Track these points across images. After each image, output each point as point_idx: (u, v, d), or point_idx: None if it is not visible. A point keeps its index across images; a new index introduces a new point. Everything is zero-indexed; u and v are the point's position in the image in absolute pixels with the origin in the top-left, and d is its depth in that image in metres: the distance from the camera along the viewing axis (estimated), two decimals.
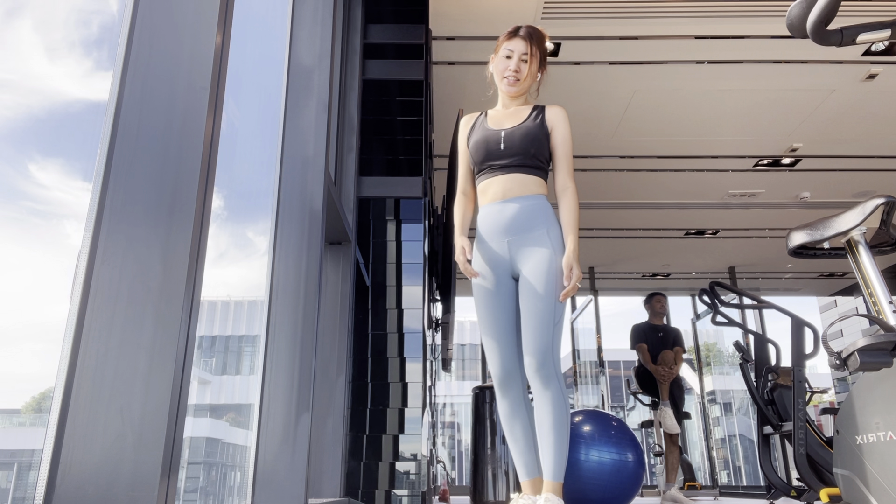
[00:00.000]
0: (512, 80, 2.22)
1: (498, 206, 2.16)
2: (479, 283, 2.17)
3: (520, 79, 2.22)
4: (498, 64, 2.25)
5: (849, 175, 6.21)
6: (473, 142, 2.23)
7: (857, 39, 1.26)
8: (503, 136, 2.17)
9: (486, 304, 2.16)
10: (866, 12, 3.99)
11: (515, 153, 2.15)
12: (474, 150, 2.22)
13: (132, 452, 1.08)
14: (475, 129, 2.26)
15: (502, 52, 2.24)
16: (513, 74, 2.21)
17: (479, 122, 2.28)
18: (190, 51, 1.31)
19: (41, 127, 1.19)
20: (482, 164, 2.21)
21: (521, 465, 2.12)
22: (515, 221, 2.13)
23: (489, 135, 2.20)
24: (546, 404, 2.03)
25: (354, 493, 3.01)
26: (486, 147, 2.19)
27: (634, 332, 5.36)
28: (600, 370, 8.86)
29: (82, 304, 1.12)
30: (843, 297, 10.03)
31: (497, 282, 2.16)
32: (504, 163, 2.16)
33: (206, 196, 1.27)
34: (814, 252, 2.33)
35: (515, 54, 2.22)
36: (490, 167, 2.19)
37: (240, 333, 2.36)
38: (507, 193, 2.15)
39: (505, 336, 2.13)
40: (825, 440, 3.28)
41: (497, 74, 2.26)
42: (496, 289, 2.15)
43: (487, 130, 2.22)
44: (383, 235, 3.40)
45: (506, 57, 2.23)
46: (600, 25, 4.22)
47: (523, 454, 2.11)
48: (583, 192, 6.81)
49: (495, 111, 2.30)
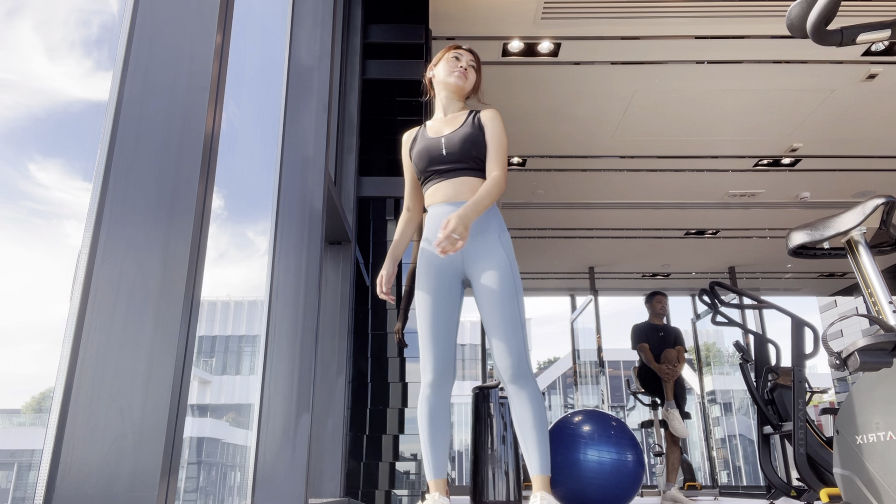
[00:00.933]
0: (460, 74, 2.30)
1: (446, 208, 2.19)
2: (424, 285, 2.19)
3: (468, 77, 2.32)
4: (446, 64, 2.34)
5: (849, 175, 6.21)
6: (416, 152, 2.28)
7: (857, 39, 1.26)
8: (444, 142, 2.23)
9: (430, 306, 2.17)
10: (866, 12, 3.99)
11: (457, 157, 2.21)
12: (417, 159, 2.27)
13: (132, 452, 1.08)
14: (416, 141, 2.32)
15: (450, 56, 2.34)
16: (461, 71, 2.31)
17: (419, 135, 2.34)
18: (190, 51, 1.31)
19: (41, 127, 1.19)
20: (426, 170, 2.25)
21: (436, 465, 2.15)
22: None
23: (430, 143, 2.26)
24: (525, 402, 2.09)
25: (354, 493, 3.01)
26: (429, 154, 2.24)
27: (635, 331, 5.35)
28: (600, 370, 8.86)
29: (82, 304, 1.12)
30: (843, 297, 10.04)
31: (442, 285, 2.18)
32: (447, 167, 2.22)
33: (206, 196, 1.27)
34: (814, 252, 2.33)
35: (464, 58, 2.34)
36: (435, 172, 2.23)
37: (240, 333, 2.37)
38: (458, 196, 2.19)
39: (444, 338, 2.17)
40: (825, 440, 3.28)
41: (445, 73, 2.33)
42: (441, 292, 2.18)
43: (428, 139, 2.28)
44: (383, 235, 3.40)
45: (454, 58, 2.34)
46: (600, 25, 4.22)
47: (439, 454, 2.16)
48: (583, 192, 6.87)
49: (434, 121, 2.36)
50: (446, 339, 2.16)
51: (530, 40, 4.35)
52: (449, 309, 2.17)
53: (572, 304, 10.21)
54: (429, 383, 2.16)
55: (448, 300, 2.17)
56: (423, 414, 2.16)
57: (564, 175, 6.13)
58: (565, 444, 3.66)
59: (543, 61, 4.55)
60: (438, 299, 2.16)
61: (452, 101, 2.34)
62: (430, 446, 2.15)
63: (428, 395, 2.16)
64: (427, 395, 2.16)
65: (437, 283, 2.17)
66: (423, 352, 2.17)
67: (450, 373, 2.16)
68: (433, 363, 2.14)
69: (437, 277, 2.17)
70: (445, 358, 2.15)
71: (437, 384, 2.15)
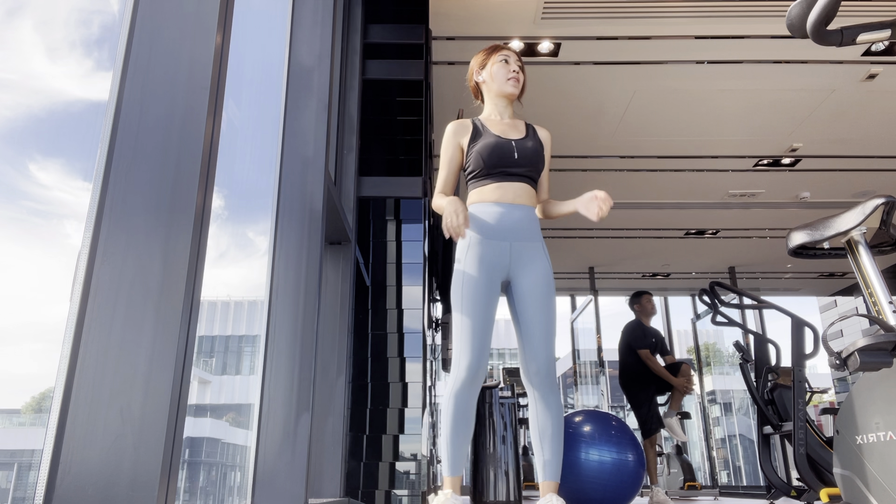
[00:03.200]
0: (515, 80, 2.34)
1: (506, 208, 2.21)
2: (474, 280, 2.17)
3: (520, 81, 2.36)
4: (498, 70, 2.35)
5: (849, 175, 6.21)
6: (483, 146, 2.26)
7: (857, 39, 1.26)
8: (515, 146, 2.26)
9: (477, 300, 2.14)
10: (866, 12, 3.99)
11: (528, 164, 2.27)
12: (486, 153, 2.24)
13: (132, 452, 1.08)
14: (479, 135, 2.30)
15: (497, 59, 2.35)
16: (515, 75, 2.34)
17: (480, 129, 2.32)
18: (190, 51, 1.31)
19: (41, 127, 1.19)
20: (493, 168, 2.24)
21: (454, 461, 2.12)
22: (520, 227, 2.20)
23: (501, 143, 2.27)
24: (552, 408, 2.16)
25: (354, 493, 3.01)
26: (500, 153, 2.24)
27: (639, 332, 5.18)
28: (600, 370, 8.86)
29: (82, 304, 1.12)
30: (843, 297, 10.03)
31: (491, 281, 2.17)
32: (517, 171, 2.25)
33: (206, 196, 1.27)
34: (814, 252, 2.33)
35: (512, 60, 2.36)
36: (502, 173, 2.24)
37: (240, 333, 2.37)
38: (517, 199, 2.23)
39: (485, 334, 2.15)
40: (825, 440, 3.28)
41: (500, 81, 2.34)
42: (489, 288, 2.16)
43: (497, 138, 2.28)
44: (383, 235, 3.40)
45: (503, 61, 2.35)
46: (600, 25, 4.22)
47: (459, 451, 2.14)
48: (583, 192, 6.83)
49: (492, 121, 2.35)
50: (487, 335, 2.15)
51: (530, 40, 4.35)
52: (491, 306, 2.17)
53: (572, 304, 10.21)
54: (461, 379, 2.12)
55: (492, 298, 2.17)
56: (450, 409, 2.13)
57: (564, 175, 6.13)
58: (566, 444, 3.66)
59: (543, 61, 4.55)
60: (485, 295, 2.15)
61: (507, 107, 2.39)
62: (451, 443, 2.13)
63: (458, 391, 2.12)
64: (457, 390, 2.13)
65: (487, 280, 2.15)
66: (462, 346, 2.14)
67: (483, 371, 2.14)
68: (469, 359, 2.11)
69: (488, 274, 2.16)
70: (482, 355, 2.13)
71: (468, 380, 2.12)
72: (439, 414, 7.98)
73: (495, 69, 2.35)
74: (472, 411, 2.15)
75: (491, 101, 2.39)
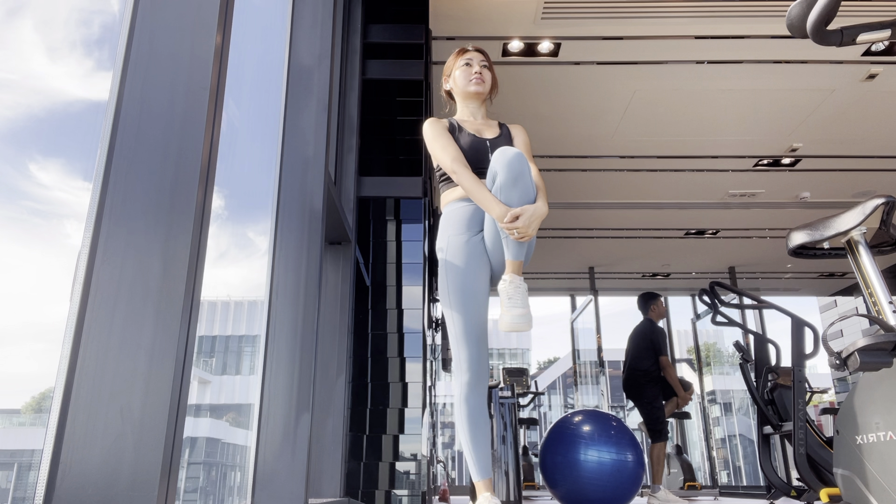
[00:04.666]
0: (477, 80, 2.38)
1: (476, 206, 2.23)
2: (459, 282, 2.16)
3: (485, 80, 2.40)
4: (461, 74, 2.40)
5: (849, 175, 6.21)
6: (464, 145, 2.28)
7: (857, 39, 1.26)
8: (490, 146, 2.29)
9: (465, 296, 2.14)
10: (866, 12, 3.99)
11: None
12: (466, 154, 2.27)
13: (132, 452, 1.08)
14: (458, 133, 2.33)
15: (460, 63, 2.41)
16: (477, 76, 2.38)
17: (458, 127, 2.36)
18: (190, 51, 1.31)
19: (41, 127, 1.19)
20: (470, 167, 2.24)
21: (481, 464, 2.11)
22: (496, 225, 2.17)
23: (476, 142, 2.29)
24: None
25: (354, 493, 3.01)
26: (477, 153, 2.27)
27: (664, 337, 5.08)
28: (600, 370, 8.86)
29: (82, 304, 1.12)
30: (843, 297, 10.03)
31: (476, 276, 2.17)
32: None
33: (206, 196, 1.27)
34: (814, 252, 2.33)
35: (475, 61, 2.41)
36: (478, 172, 2.24)
37: (240, 333, 2.36)
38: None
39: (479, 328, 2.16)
40: (825, 440, 3.28)
41: (463, 83, 2.40)
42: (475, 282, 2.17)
43: (473, 138, 2.30)
44: (383, 235, 3.40)
45: (465, 65, 2.40)
46: (600, 25, 4.22)
47: (483, 453, 2.13)
48: (583, 193, 6.86)
49: (467, 121, 2.39)
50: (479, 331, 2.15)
51: (530, 40, 4.35)
52: (480, 301, 2.17)
53: (572, 303, 10.21)
54: (466, 382, 2.13)
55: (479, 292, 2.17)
56: (462, 414, 2.13)
57: (564, 175, 6.13)
58: (565, 444, 3.66)
59: (543, 61, 4.55)
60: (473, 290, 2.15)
61: (479, 107, 2.42)
62: (473, 446, 2.12)
63: (466, 395, 2.13)
64: (465, 394, 2.13)
65: (473, 275, 2.16)
66: (460, 350, 2.15)
67: (486, 370, 2.15)
68: (469, 361, 2.12)
69: (472, 269, 2.16)
70: (481, 355, 2.14)
71: (474, 382, 2.12)
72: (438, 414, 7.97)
73: (458, 73, 2.41)
74: (485, 411, 2.15)
75: (462, 103, 2.45)
